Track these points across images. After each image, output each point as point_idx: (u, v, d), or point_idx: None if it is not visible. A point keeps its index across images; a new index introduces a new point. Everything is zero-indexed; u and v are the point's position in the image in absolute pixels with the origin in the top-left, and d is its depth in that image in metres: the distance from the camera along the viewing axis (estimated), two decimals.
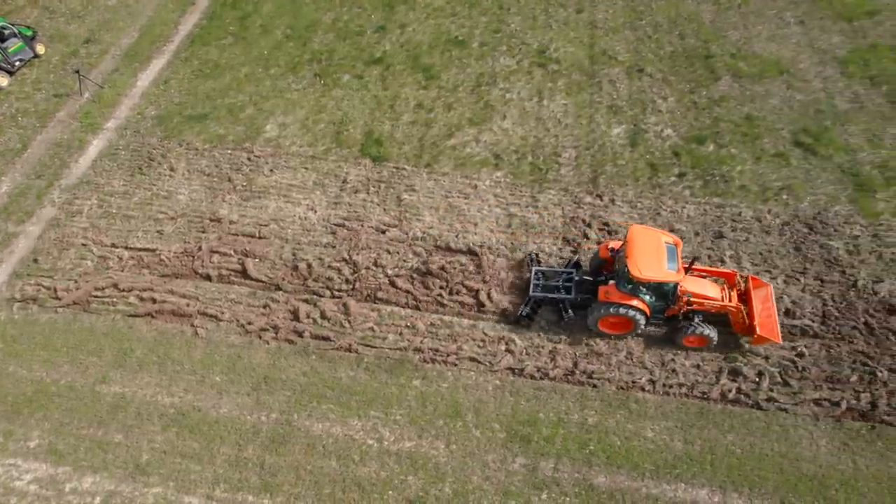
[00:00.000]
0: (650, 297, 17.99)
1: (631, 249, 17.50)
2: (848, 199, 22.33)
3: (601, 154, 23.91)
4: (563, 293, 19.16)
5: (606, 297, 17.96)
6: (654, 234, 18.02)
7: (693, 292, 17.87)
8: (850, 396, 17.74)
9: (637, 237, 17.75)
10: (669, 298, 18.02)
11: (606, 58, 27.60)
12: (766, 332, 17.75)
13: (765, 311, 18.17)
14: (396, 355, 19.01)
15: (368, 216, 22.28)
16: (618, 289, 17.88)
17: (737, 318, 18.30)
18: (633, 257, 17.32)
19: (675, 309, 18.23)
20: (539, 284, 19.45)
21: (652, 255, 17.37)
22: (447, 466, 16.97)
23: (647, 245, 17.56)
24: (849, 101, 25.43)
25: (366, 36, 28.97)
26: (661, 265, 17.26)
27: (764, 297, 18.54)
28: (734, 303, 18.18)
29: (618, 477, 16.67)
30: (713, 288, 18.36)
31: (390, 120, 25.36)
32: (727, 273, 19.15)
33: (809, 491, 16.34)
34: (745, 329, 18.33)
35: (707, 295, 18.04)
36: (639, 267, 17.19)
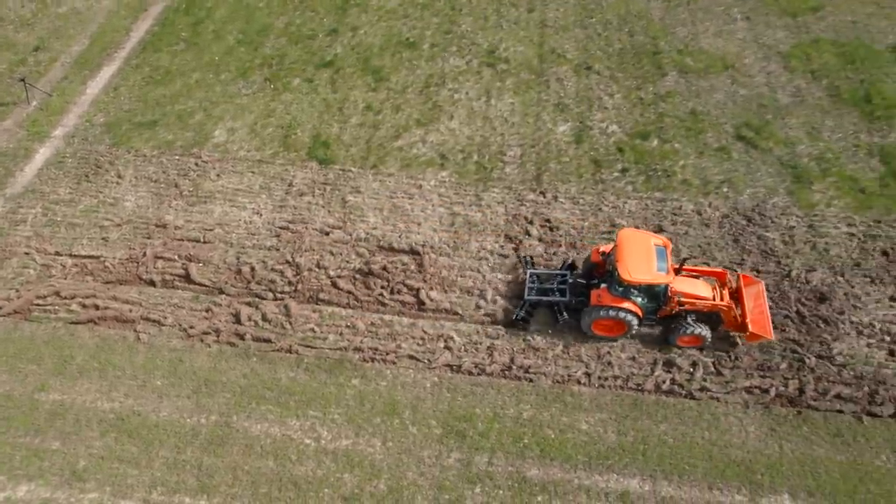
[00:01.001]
0: (642, 299, 18.27)
1: (620, 252, 17.84)
2: (786, 190, 22.92)
3: (546, 152, 24.39)
4: (557, 296, 19.45)
5: (598, 300, 18.27)
6: (643, 236, 18.38)
7: (684, 292, 18.19)
8: (780, 383, 18.26)
9: (626, 240, 18.08)
10: (661, 299, 18.35)
11: (555, 56, 28.13)
12: (758, 329, 18.08)
13: (757, 308, 18.48)
14: (336, 355, 19.35)
15: (313, 218, 22.63)
16: (609, 292, 18.18)
17: (729, 317, 18.56)
18: (623, 260, 17.66)
19: (668, 309, 18.55)
20: (534, 287, 19.71)
21: (641, 257, 17.70)
22: (383, 463, 17.31)
23: (636, 247, 17.88)
24: (790, 95, 26.08)
25: (318, 39, 29.37)
26: (651, 267, 17.59)
27: (755, 294, 18.84)
28: (726, 301, 18.47)
29: (551, 469, 17.07)
30: (704, 287, 18.70)
31: (338, 123, 25.74)
32: (718, 272, 19.49)
33: (736, 476, 16.81)
34: (738, 326, 18.61)
35: (698, 294, 18.35)
36: (629, 270, 17.53)
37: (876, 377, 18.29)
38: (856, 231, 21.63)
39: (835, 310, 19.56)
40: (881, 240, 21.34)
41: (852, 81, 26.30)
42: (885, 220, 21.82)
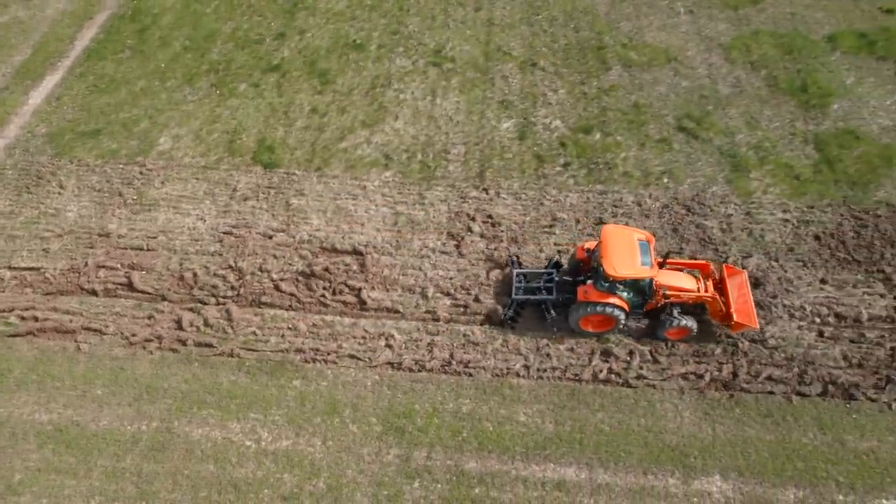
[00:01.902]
0: (628, 294, 18.64)
1: (605, 249, 18.20)
2: (725, 179, 23.55)
3: (489, 149, 24.82)
4: (544, 294, 19.75)
5: (585, 296, 18.63)
6: (626, 232, 18.77)
7: (669, 286, 18.61)
8: (714, 369, 18.81)
9: (610, 236, 18.45)
10: (646, 293, 18.72)
11: (501, 54, 28.61)
12: (742, 319, 18.49)
13: (741, 298, 18.91)
14: (278, 357, 19.59)
15: (256, 222, 22.85)
16: (595, 288, 18.53)
17: (714, 307, 19.01)
18: (608, 256, 18.01)
19: (654, 303, 18.94)
20: (521, 287, 19.99)
21: (625, 252, 18.07)
22: (322, 462, 17.57)
23: (620, 243, 18.26)
24: (731, 85, 26.78)
25: (265, 44, 29.59)
26: (635, 262, 17.96)
27: (739, 284, 19.28)
28: (710, 292, 18.91)
29: (488, 461, 17.43)
30: (689, 280, 19.13)
31: (284, 126, 25.98)
32: (701, 264, 19.94)
33: (670, 460, 17.29)
34: (723, 317, 19.04)
35: (683, 287, 18.79)
36: (613, 265, 17.89)
37: (805, 358, 18.90)
38: (790, 217, 22.29)
39: (768, 294, 20.17)
40: (814, 224, 22.02)
41: (790, 71, 27.06)
42: (817, 206, 22.51)
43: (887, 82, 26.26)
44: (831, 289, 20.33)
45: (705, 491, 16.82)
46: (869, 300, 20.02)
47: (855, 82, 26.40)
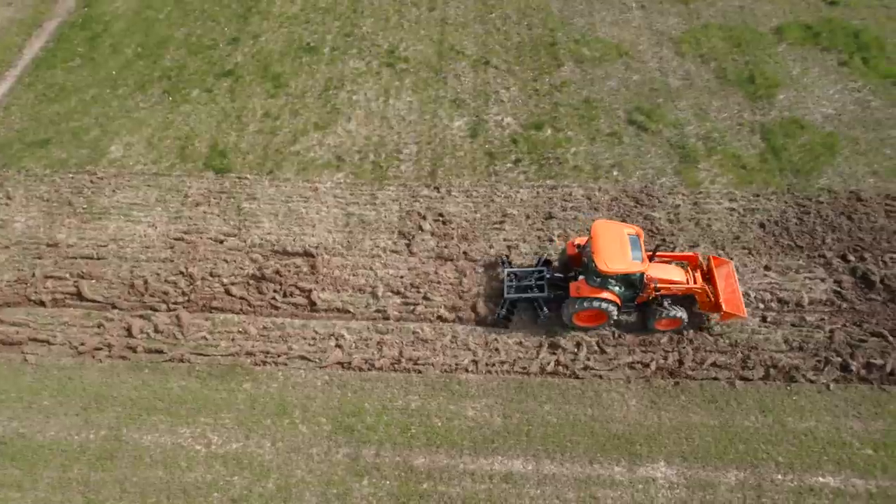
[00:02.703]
0: (619, 288, 19.01)
1: (596, 244, 18.56)
2: (673, 170, 24.14)
3: (441, 147, 25.21)
4: (536, 292, 20.04)
5: (578, 292, 18.99)
6: (616, 227, 19.16)
7: (659, 278, 19.01)
8: (660, 357, 19.33)
9: (600, 232, 18.80)
10: (637, 287, 19.12)
11: (454, 53, 29.03)
12: (731, 309, 18.93)
13: (728, 288, 19.37)
14: (228, 361, 19.79)
15: (208, 228, 23.02)
16: (588, 283, 18.91)
17: (703, 298, 19.48)
18: (599, 252, 18.37)
19: (645, 296, 19.36)
20: (512, 286, 20.25)
21: (616, 247, 18.43)
22: (272, 463, 17.81)
23: (610, 238, 18.62)
24: (681, 78, 27.42)
25: (218, 49, 29.74)
26: (626, 256, 18.34)
27: (726, 274, 19.76)
28: (699, 284, 19.40)
29: (437, 456, 17.78)
30: (678, 272, 19.61)
31: (236, 131, 26.17)
32: (689, 256, 20.43)
33: (616, 448, 17.77)
34: (712, 307, 19.50)
35: (673, 279, 19.25)
36: (605, 260, 18.24)
37: (748, 343, 19.50)
38: (736, 206, 22.92)
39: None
40: (759, 213, 22.66)
41: (738, 63, 27.76)
42: (763, 194, 23.17)
43: (831, 72, 27.04)
44: (774, 275, 20.96)
45: (650, 477, 17.31)
46: (810, 284, 20.67)
47: (800, 73, 27.16)
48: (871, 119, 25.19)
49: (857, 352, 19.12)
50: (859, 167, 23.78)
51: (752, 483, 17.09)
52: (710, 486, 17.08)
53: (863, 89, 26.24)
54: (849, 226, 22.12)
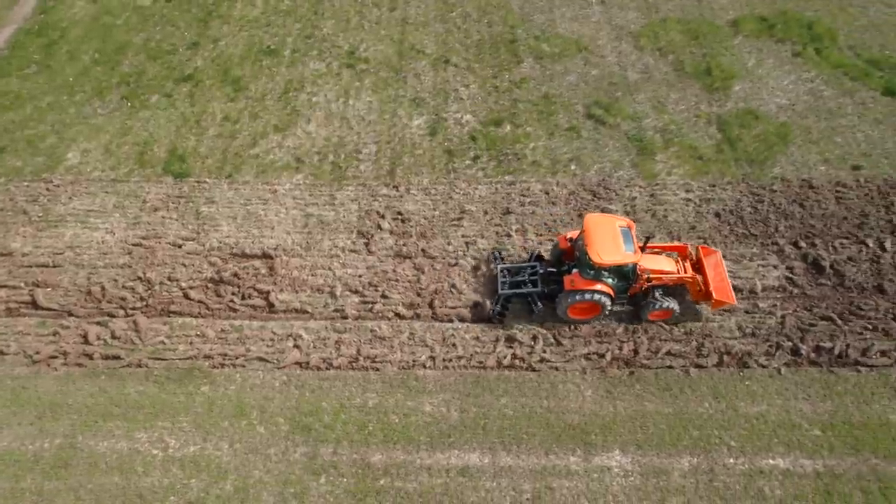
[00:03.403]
0: (613, 280, 19.41)
1: (589, 237, 18.93)
2: (631, 163, 24.61)
3: (400, 146, 25.52)
4: (530, 287, 20.32)
5: (572, 285, 19.34)
6: (608, 219, 19.56)
7: (651, 269, 19.44)
8: (615, 347, 19.72)
9: (593, 225, 19.20)
10: (630, 278, 19.55)
11: (415, 52, 29.37)
12: (721, 296, 19.43)
13: (718, 277, 19.88)
14: (186, 365, 19.93)
15: (166, 232, 23.14)
16: (581, 276, 19.26)
17: (694, 287, 19.98)
18: (592, 244, 18.74)
19: (637, 287, 19.76)
20: (506, 281, 20.53)
21: (609, 240, 18.82)
22: (230, 465, 17.98)
23: (603, 231, 19.01)
24: (639, 72, 27.94)
25: (178, 54, 29.86)
26: (619, 248, 18.72)
27: (715, 263, 20.28)
28: (689, 273, 19.88)
29: (394, 453, 18.04)
30: (668, 262, 20.07)
31: (195, 136, 26.32)
32: (679, 246, 20.92)
33: (572, 439, 18.12)
34: (703, 296, 20.00)
35: (664, 270, 19.69)
36: (598, 253, 18.61)
37: (703, 331, 19.95)
38: (693, 196, 23.42)
39: None
40: (714, 202, 23.17)
41: (695, 56, 28.34)
42: (718, 184, 23.69)
43: (785, 63, 27.69)
44: (729, 263, 21.38)
45: (605, 466, 17.67)
46: (763, 272, 21.20)
47: (756, 64, 27.77)
48: (824, 108, 25.83)
49: (808, 336, 19.63)
50: (811, 155, 24.38)
51: (704, 468, 17.50)
52: (664, 473, 17.47)
53: (815, 79, 26.91)
54: (801, 213, 22.69)
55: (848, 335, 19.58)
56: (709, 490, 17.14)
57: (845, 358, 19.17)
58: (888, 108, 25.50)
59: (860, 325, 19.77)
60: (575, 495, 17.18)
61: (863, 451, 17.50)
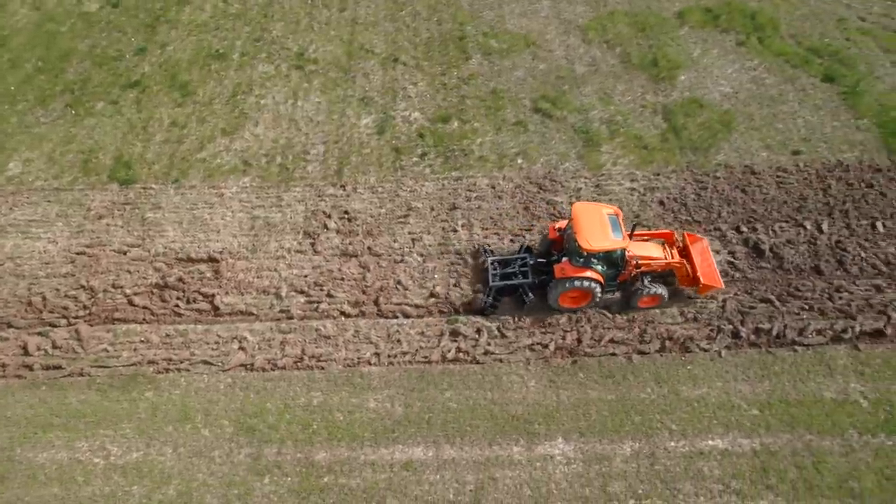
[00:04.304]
0: (602, 267, 19.82)
1: (577, 225, 19.35)
2: (577, 155, 25.04)
3: (348, 146, 25.75)
4: (520, 278, 20.64)
5: (563, 273, 19.70)
6: (595, 207, 19.98)
7: (640, 256, 19.90)
8: (559, 337, 20.07)
9: (580, 213, 19.63)
10: (619, 265, 19.94)
11: (364, 52, 29.63)
12: (709, 281, 19.91)
13: (704, 262, 20.37)
14: (130, 371, 19.97)
15: (111, 240, 23.15)
16: (571, 264, 19.64)
17: (682, 273, 20.44)
18: (581, 232, 19.15)
19: (626, 274, 20.17)
20: (497, 274, 20.84)
21: (597, 227, 19.26)
22: (173, 469, 18.04)
23: (591, 219, 19.45)
24: (587, 65, 28.43)
25: (125, 60, 29.86)
26: (608, 235, 19.16)
27: (701, 249, 20.77)
28: (677, 259, 20.36)
29: (338, 450, 18.22)
30: (656, 249, 20.56)
31: (142, 142, 26.34)
32: (666, 233, 21.36)
33: (515, 429, 18.42)
34: (690, 281, 20.45)
35: (652, 256, 20.15)
36: (587, 240, 19.01)
37: (645, 318, 20.37)
38: (637, 185, 23.89)
39: None
40: (659, 191, 23.66)
41: (642, 47, 28.90)
42: (663, 173, 24.19)
43: (729, 52, 28.33)
44: None
45: (548, 455, 17.99)
46: None
47: (701, 54, 28.39)
48: (766, 95, 26.47)
49: (748, 318, 20.13)
50: (753, 142, 24.98)
51: (646, 452, 17.88)
52: (606, 459, 17.82)
53: (758, 67, 27.56)
54: (743, 198, 23.24)
55: (786, 316, 20.12)
56: (650, 473, 17.53)
57: (783, 338, 19.70)
58: (827, 94, 26.23)
59: (797, 305, 20.34)
60: (518, 485, 17.48)
61: (798, 428, 18.02)
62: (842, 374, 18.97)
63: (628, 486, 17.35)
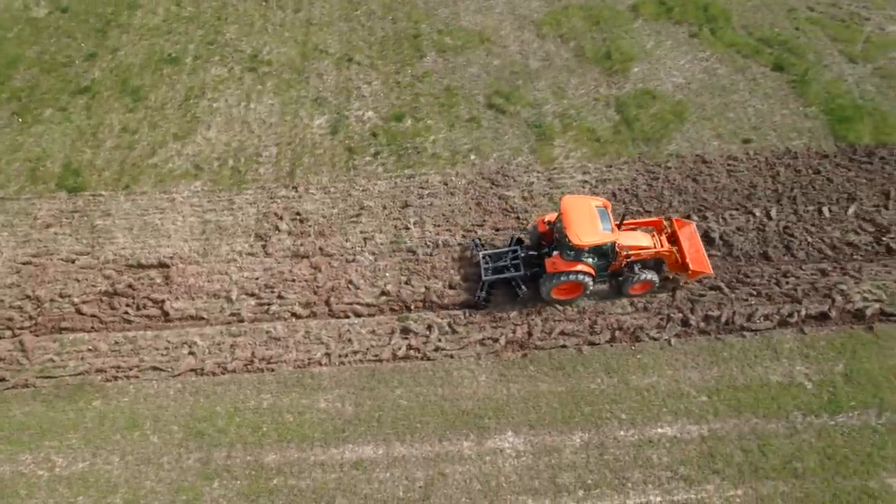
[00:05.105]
0: (593, 259, 20.03)
1: (567, 219, 19.55)
2: (529, 150, 25.32)
3: (301, 147, 25.84)
4: (512, 271, 20.83)
5: (554, 267, 19.90)
6: (584, 200, 20.19)
7: (629, 246, 20.13)
8: (509, 331, 20.31)
9: (570, 207, 19.84)
10: (610, 256, 20.16)
11: (318, 52, 29.73)
12: (698, 266, 20.23)
13: (693, 248, 20.66)
14: (77, 381, 19.92)
15: (59, 249, 23.07)
16: (562, 258, 19.82)
17: (671, 260, 20.72)
18: (571, 227, 19.36)
19: (617, 264, 20.41)
20: (489, 267, 20.99)
21: (586, 220, 19.46)
22: (120, 478, 18.05)
23: (580, 212, 19.66)
24: (541, 59, 28.73)
25: (74, 66, 29.72)
26: (597, 228, 19.38)
27: (689, 235, 21.06)
28: (666, 246, 20.63)
29: (287, 451, 18.33)
30: (645, 237, 20.80)
31: (91, 149, 26.25)
32: (654, 221, 21.63)
33: (465, 424, 18.64)
34: (680, 267, 20.72)
35: (641, 245, 20.39)
36: (577, 234, 19.22)
37: (596, 309, 20.67)
38: (589, 177, 24.22)
39: None
40: (611, 182, 24.00)
41: (596, 41, 29.25)
42: (615, 164, 24.54)
43: (682, 44, 28.77)
44: None
45: (498, 448, 18.22)
46: None
47: (654, 46, 28.80)
48: (718, 85, 26.92)
49: (697, 306, 20.51)
50: (705, 131, 25.41)
51: (595, 442, 18.17)
52: (556, 451, 18.08)
53: (710, 58, 28.01)
54: (694, 188, 23.64)
55: (734, 303, 20.53)
56: (599, 463, 17.81)
57: (732, 325, 20.11)
58: (776, 83, 26.73)
59: (746, 291, 20.75)
60: (467, 479, 17.68)
61: (744, 413, 18.41)
62: (788, 358, 19.41)
63: (577, 476, 17.62)
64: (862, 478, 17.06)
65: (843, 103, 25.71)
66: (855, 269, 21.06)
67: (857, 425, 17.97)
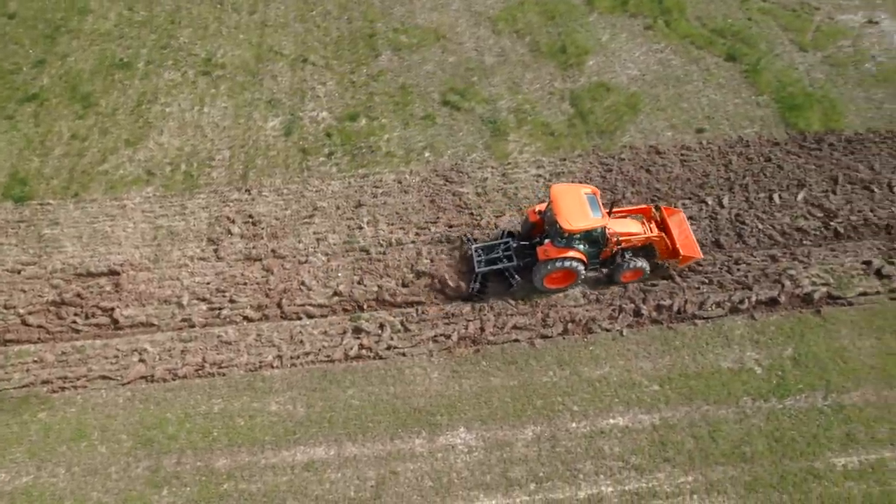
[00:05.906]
0: (584, 246, 20.30)
1: (557, 206, 19.81)
2: (484, 146, 25.54)
3: (254, 149, 25.88)
4: (505, 262, 21.01)
5: (546, 254, 20.10)
6: (573, 188, 20.49)
7: (620, 232, 20.42)
8: (462, 327, 20.47)
9: (559, 194, 20.11)
10: (600, 243, 20.44)
11: (272, 54, 29.78)
12: (688, 252, 20.54)
13: (682, 234, 20.97)
14: (21, 393, 19.79)
15: (4, 259, 22.90)
16: (554, 245, 20.04)
17: (661, 246, 21.04)
18: (561, 213, 19.62)
19: (608, 251, 20.68)
20: (481, 259, 21.15)
21: (576, 206, 19.79)
22: (66, 490, 17.95)
23: (570, 199, 19.97)
24: (496, 55, 29.00)
25: (21, 73, 29.54)
26: (587, 214, 19.68)
27: (678, 221, 21.36)
28: (656, 233, 20.91)
29: (238, 456, 18.34)
30: (635, 224, 21.11)
31: (39, 157, 26.10)
32: (643, 208, 21.89)
33: (417, 422, 18.76)
34: (670, 254, 21.02)
35: (631, 232, 20.68)
36: (568, 220, 19.47)
37: (548, 302, 20.89)
38: (543, 172, 24.48)
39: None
40: (565, 176, 24.27)
41: (551, 35, 29.58)
42: (569, 157, 24.82)
43: (637, 36, 29.18)
44: None
45: (450, 444, 18.36)
46: None
47: (609, 39, 29.18)
48: (672, 76, 27.33)
49: (649, 296, 20.80)
50: (659, 122, 25.78)
51: (547, 435, 18.36)
52: (508, 445, 18.24)
53: (665, 50, 28.44)
54: (647, 178, 23.97)
55: (686, 291, 20.84)
56: (551, 456, 18.00)
57: (684, 313, 20.41)
58: (729, 73, 27.19)
59: (697, 280, 21.08)
60: (419, 477, 17.79)
61: (696, 400, 18.70)
62: (738, 344, 19.74)
63: (529, 469, 17.80)
64: (808, 459, 17.39)
65: (793, 91, 26.24)
66: (804, 254, 21.50)
67: (804, 408, 18.34)
